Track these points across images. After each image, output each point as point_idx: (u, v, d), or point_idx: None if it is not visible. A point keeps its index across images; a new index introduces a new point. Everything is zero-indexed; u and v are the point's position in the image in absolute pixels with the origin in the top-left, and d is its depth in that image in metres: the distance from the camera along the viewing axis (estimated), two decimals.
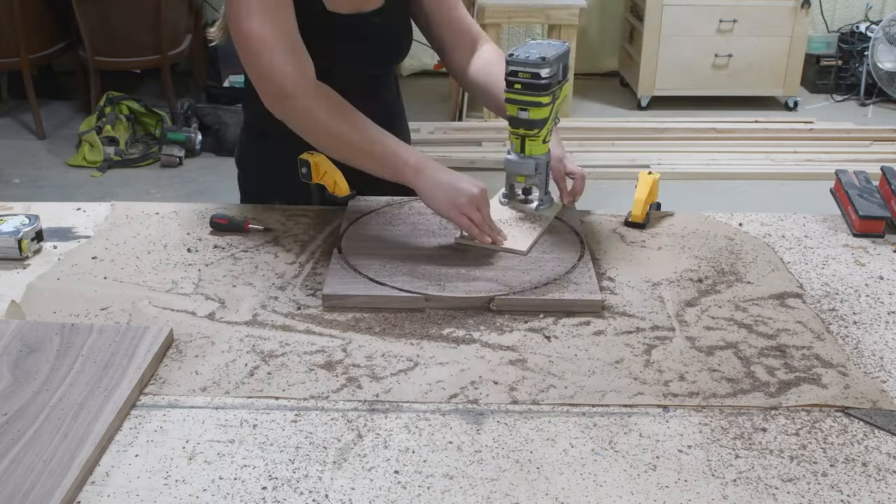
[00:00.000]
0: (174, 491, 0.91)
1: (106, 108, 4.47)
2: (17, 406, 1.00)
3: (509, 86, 1.38)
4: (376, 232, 1.45)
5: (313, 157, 1.55)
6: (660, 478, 0.94)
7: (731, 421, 1.03)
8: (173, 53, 4.80)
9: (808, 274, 1.38)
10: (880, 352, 1.17)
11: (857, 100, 5.35)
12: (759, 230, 1.52)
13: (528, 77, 1.36)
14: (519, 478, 0.93)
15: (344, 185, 1.55)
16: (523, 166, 1.46)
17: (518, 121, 1.41)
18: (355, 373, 1.10)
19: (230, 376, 1.09)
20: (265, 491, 0.91)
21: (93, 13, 4.48)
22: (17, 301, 1.24)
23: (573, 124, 4.60)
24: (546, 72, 1.35)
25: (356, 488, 0.91)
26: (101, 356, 1.09)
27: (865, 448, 0.99)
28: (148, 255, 1.40)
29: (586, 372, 1.11)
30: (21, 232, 1.37)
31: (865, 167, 1.75)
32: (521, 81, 1.36)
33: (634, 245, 1.45)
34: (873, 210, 1.51)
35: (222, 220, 1.47)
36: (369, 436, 0.99)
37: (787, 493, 0.92)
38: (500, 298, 1.25)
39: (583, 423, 1.02)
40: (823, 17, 5.52)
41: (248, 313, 1.23)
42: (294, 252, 1.41)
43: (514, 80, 1.37)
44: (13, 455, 0.92)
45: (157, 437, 0.99)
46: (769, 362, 1.14)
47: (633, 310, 1.26)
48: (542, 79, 1.36)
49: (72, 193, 4.04)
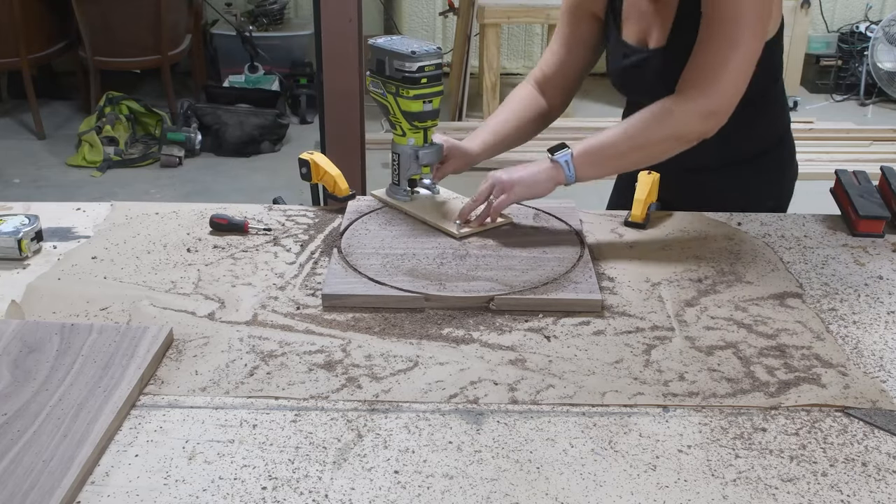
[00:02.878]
0: (174, 491, 0.91)
1: (106, 108, 4.48)
2: (17, 406, 1.00)
3: (415, 82, 1.42)
4: (376, 232, 1.45)
5: (313, 157, 1.55)
6: (660, 478, 0.94)
7: (731, 421, 1.03)
8: (173, 53, 4.80)
9: (807, 274, 1.38)
10: (880, 352, 1.17)
11: (857, 100, 5.36)
12: (759, 230, 1.52)
13: (433, 69, 1.43)
14: (519, 478, 0.93)
15: (344, 185, 1.55)
16: (437, 154, 1.52)
17: (424, 114, 1.46)
18: (355, 373, 1.10)
19: (230, 376, 1.09)
20: (265, 491, 0.91)
21: (93, 13, 4.48)
22: (17, 301, 1.24)
23: (573, 124, 4.60)
24: (441, 60, 1.44)
25: (356, 488, 0.91)
26: (101, 356, 1.09)
27: (865, 448, 0.99)
28: (148, 255, 1.40)
29: (586, 372, 1.11)
30: (21, 232, 1.37)
31: (865, 167, 1.75)
32: (428, 75, 1.42)
33: (634, 245, 1.45)
34: (873, 210, 1.51)
35: (222, 220, 1.47)
36: (369, 436, 0.99)
37: (787, 493, 0.92)
38: (500, 298, 1.25)
39: (583, 423, 1.02)
40: (823, 17, 5.52)
41: (248, 313, 1.23)
42: (294, 252, 1.41)
43: (421, 76, 1.41)
44: (13, 455, 0.92)
45: (157, 437, 0.99)
46: (769, 362, 1.14)
47: (633, 310, 1.26)
48: (440, 68, 1.44)
49: (72, 193, 4.04)
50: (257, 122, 4.60)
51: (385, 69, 1.44)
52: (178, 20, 4.81)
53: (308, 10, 5.49)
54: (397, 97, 1.45)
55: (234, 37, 5.08)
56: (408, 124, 1.47)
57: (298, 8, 5.74)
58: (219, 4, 5.33)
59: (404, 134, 1.49)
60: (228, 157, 4.55)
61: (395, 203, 1.54)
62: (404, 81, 1.42)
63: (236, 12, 5.28)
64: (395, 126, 1.49)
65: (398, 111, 1.46)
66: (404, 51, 1.40)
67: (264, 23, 5.30)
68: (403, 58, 1.40)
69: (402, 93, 1.43)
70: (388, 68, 1.44)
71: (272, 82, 5.09)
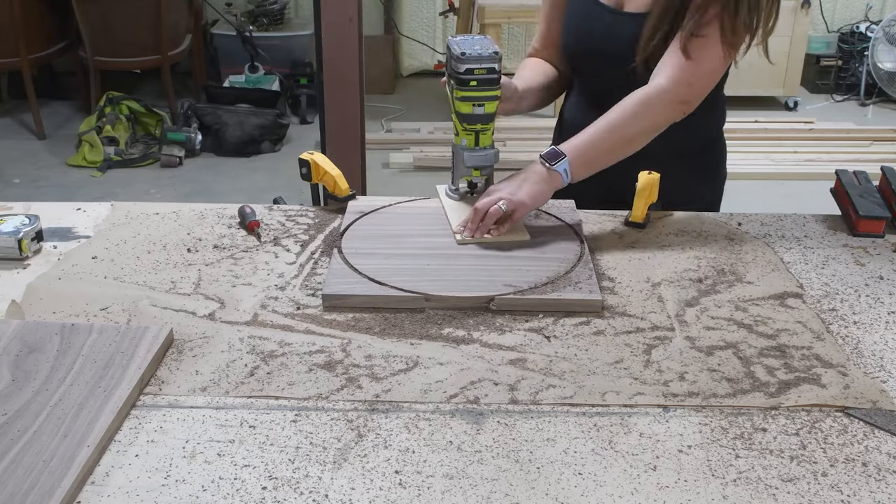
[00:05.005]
0: (174, 491, 0.91)
1: (106, 108, 4.48)
2: (17, 406, 1.00)
3: (464, 84, 1.40)
4: (376, 232, 1.45)
5: (313, 157, 1.55)
6: (660, 478, 0.94)
7: (731, 421, 1.03)
8: (173, 53, 4.80)
9: (808, 274, 1.38)
10: (880, 352, 1.17)
11: (857, 100, 5.36)
12: (759, 230, 1.52)
13: (484, 73, 1.39)
14: (519, 478, 0.93)
15: (344, 185, 1.55)
16: (485, 158, 1.48)
17: (474, 117, 1.44)
18: (355, 373, 1.10)
19: (230, 376, 1.09)
20: (265, 491, 0.91)
21: (93, 13, 4.48)
22: (17, 301, 1.24)
23: None
24: (498, 66, 1.40)
25: (356, 488, 0.91)
26: (101, 356, 1.09)
27: (865, 448, 0.99)
28: (148, 255, 1.40)
29: (586, 372, 1.11)
30: (21, 232, 1.37)
31: (865, 167, 1.75)
32: (478, 78, 1.40)
33: (634, 245, 1.45)
34: (873, 210, 1.51)
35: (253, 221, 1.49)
36: (369, 436, 0.99)
37: (787, 493, 0.92)
38: (500, 298, 1.25)
39: (583, 423, 1.02)
40: (823, 17, 5.52)
41: (248, 313, 1.23)
42: (294, 252, 1.41)
43: (469, 78, 1.39)
44: (13, 455, 0.92)
45: (157, 437, 0.99)
46: (769, 362, 1.14)
47: (633, 310, 1.26)
48: (495, 73, 1.40)
49: (72, 193, 4.04)
50: (257, 122, 4.60)
51: (449, 66, 1.44)
52: (178, 20, 4.81)
53: (308, 10, 5.49)
54: (452, 96, 1.45)
55: (234, 37, 5.08)
56: (460, 125, 1.46)
57: (298, 8, 5.74)
58: (219, 4, 5.33)
59: (457, 133, 1.49)
60: (229, 157, 4.55)
61: (441, 200, 1.55)
62: (457, 82, 1.41)
63: (236, 12, 5.28)
64: (454, 125, 1.49)
65: (453, 110, 1.46)
66: (457, 51, 1.40)
67: (264, 23, 5.30)
68: (456, 58, 1.40)
69: (455, 93, 1.43)
70: (449, 67, 1.44)
71: (272, 82, 5.09)
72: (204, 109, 4.65)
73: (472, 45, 1.41)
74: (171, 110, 4.74)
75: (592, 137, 1.44)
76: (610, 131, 1.44)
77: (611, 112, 1.45)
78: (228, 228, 1.49)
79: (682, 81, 1.43)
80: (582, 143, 1.44)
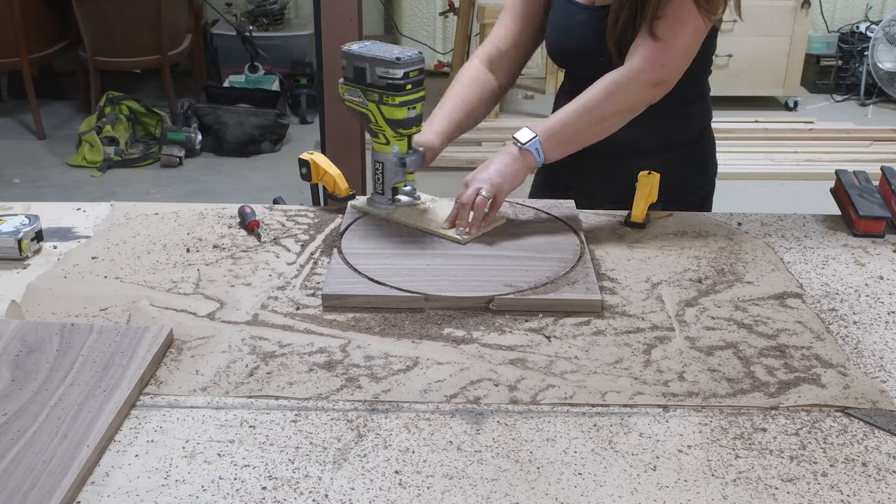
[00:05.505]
0: (174, 491, 0.91)
1: (106, 108, 4.48)
2: (17, 406, 1.00)
3: (400, 89, 1.37)
4: (376, 232, 1.45)
5: (313, 157, 1.55)
6: (660, 478, 0.94)
7: (731, 421, 1.03)
8: (173, 53, 4.80)
9: (808, 274, 1.38)
10: (880, 352, 1.17)
11: (857, 100, 5.36)
12: (759, 230, 1.52)
13: (417, 74, 1.39)
14: (519, 478, 0.93)
15: (344, 185, 1.55)
16: (420, 159, 1.48)
17: (409, 121, 1.42)
18: (355, 373, 1.10)
19: (230, 376, 1.09)
20: (265, 491, 0.91)
21: (93, 13, 4.48)
22: (17, 301, 1.24)
23: None
24: (423, 65, 1.40)
25: (356, 488, 0.91)
26: (101, 356, 1.09)
27: (865, 448, 0.99)
28: (148, 255, 1.40)
29: (586, 372, 1.11)
30: (21, 232, 1.37)
31: (865, 167, 1.75)
32: (412, 80, 1.39)
33: (634, 245, 1.45)
34: (873, 210, 1.51)
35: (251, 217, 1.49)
36: (369, 436, 0.99)
37: (787, 493, 0.92)
38: (500, 298, 1.25)
39: (583, 423, 1.02)
40: (823, 17, 5.52)
41: (248, 313, 1.23)
42: (294, 252, 1.41)
43: (406, 82, 1.37)
44: (13, 455, 0.92)
45: (157, 437, 0.99)
46: (769, 362, 1.14)
47: (633, 310, 1.26)
48: (423, 73, 1.40)
49: (72, 193, 4.04)
50: (257, 122, 4.60)
51: (366, 77, 1.39)
52: (178, 20, 4.81)
53: (308, 10, 5.48)
54: (380, 105, 1.40)
55: (234, 37, 5.08)
56: (392, 132, 1.42)
57: (298, 8, 5.74)
58: (219, 4, 5.33)
59: (388, 142, 1.44)
60: (228, 157, 4.55)
61: (380, 213, 1.50)
62: (389, 89, 1.37)
63: (236, 12, 5.28)
64: (378, 135, 1.44)
65: (381, 119, 1.41)
66: (388, 57, 1.36)
67: (264, 23, 5.30)
68: (388, 64, 1.36)
69: (387, 100, 1.38)
70: (370, 76, 1.38)
71: (272, 82, 5.09)
72: (204, 109, 4.65)
73: (388, 51, 1.38)
74: (171, 110, 4.74)
75: (565, 119, 1.45)
76: (583, 112, 1.45)
77: (584, 94, 1.46)
78: (228, 228, 1.50)
79: (654, 62, 1.43)
80: (554, 123, 1.45)
